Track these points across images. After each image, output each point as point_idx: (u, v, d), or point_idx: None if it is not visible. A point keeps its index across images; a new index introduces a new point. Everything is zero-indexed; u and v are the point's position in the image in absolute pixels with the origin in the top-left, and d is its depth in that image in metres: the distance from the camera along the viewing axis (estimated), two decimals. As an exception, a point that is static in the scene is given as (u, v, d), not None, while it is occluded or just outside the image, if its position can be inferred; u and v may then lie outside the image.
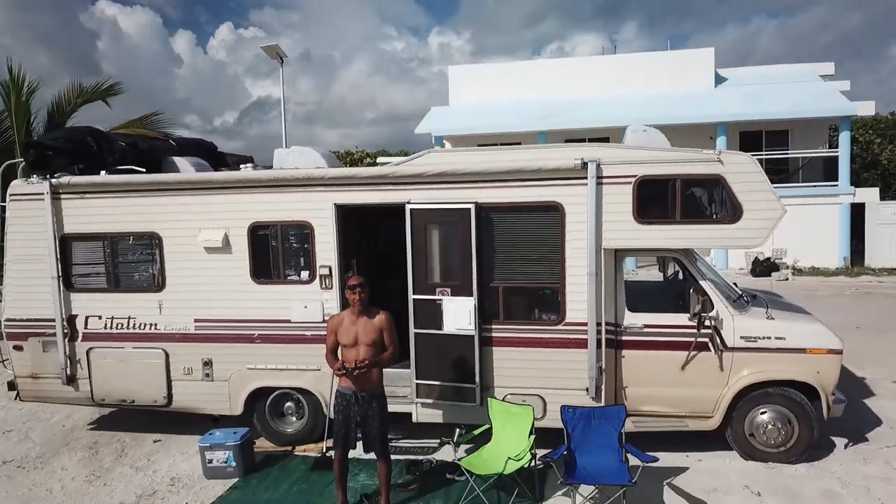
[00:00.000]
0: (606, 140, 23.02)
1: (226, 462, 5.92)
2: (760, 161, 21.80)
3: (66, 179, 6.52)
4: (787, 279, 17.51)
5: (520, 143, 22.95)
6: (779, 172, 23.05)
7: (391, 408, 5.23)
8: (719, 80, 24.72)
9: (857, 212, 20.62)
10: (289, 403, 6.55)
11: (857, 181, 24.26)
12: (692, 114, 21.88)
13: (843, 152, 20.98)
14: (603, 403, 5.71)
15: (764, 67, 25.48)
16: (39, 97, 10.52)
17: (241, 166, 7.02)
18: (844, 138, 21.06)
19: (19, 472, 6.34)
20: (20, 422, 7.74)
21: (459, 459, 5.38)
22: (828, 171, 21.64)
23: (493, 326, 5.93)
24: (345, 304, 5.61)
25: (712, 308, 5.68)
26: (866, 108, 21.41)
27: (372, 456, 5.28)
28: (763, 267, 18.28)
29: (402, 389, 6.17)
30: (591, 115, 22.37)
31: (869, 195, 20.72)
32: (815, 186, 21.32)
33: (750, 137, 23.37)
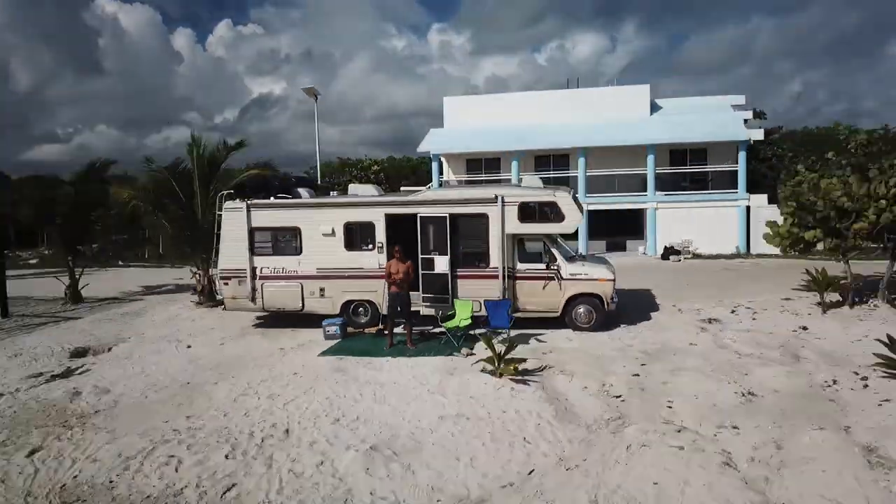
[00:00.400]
0: (566, 157, 30.17)
1: (335, 332, 12.92)
2: (684, 174, 29.09)
3: (254, 201, 13.56)
4: (679, 261, 24.51)
5: (499, 159, 30.01)
6: (698, 182, 30.09)
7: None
8: (655, 108, 31.68)
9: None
10: (361, 308, 13.57)
11: (773, 190, 31.19)
12: (630, 137, 28.83)
13: (741, 167, 28.01)
14: (506, 303, 12.72)
15: (689, 98, 32.46)
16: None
17: (331, 193, 14.04)
18: (742, 157, 28.09)
19: (228, 341, 13.33)
20: (216, 323, 14.77)
21: (441, 323, 12.42)
22: (734, 181, 28.62)
23: (458, 270, 12.93)
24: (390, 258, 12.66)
25: (556, 260, 12.69)
26: (758, 134, 28.40)
27: (402, 332, 12.28)
28: (669, 253, 25.26)
29: (416, 300, 13.20)
30: (552, 139, 29.36)
31: (757, 200, 27.73)
32: (721, 193, 28.34)
33: (677, 154, 30.40)
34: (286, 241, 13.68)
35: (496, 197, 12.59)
